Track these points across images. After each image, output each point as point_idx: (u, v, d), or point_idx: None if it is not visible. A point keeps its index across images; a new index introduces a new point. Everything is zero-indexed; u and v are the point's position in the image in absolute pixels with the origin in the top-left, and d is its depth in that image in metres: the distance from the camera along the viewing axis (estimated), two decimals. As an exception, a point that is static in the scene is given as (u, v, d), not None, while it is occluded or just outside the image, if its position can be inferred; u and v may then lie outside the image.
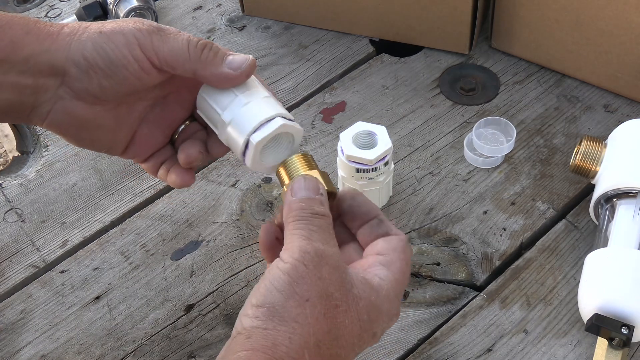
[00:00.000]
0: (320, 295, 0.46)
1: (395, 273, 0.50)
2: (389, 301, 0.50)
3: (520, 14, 0.88)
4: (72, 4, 1.05)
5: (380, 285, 0.49)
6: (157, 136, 0.62)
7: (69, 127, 0.58)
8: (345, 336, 0.47)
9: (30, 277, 0.77)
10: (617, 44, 0.83)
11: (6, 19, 0.55)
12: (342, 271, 0.48)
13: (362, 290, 0.48)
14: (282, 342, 0.45)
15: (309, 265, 0.47)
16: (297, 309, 0.46)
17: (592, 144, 0.75)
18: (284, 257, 0.48)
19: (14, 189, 0.84)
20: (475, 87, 0.90)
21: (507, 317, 0.71)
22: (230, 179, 0.84)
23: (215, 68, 0.56)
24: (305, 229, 0.49)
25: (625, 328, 0.63)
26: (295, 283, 0.46)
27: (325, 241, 0.49)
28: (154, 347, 0.71)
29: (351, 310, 0.48)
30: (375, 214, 0.54)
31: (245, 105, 0.57)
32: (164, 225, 0.80)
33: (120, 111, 0.59)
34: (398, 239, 0.52)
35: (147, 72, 0.56)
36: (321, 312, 0.46)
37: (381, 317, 0.49)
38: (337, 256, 0.49)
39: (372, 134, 0.75)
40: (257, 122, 0.56)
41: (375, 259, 0.51)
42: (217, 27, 1.00)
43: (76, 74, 0.56)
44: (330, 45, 0.97)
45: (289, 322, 0.46)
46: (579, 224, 0.78)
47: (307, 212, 0.50)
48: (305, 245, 0.48)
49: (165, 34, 0.56)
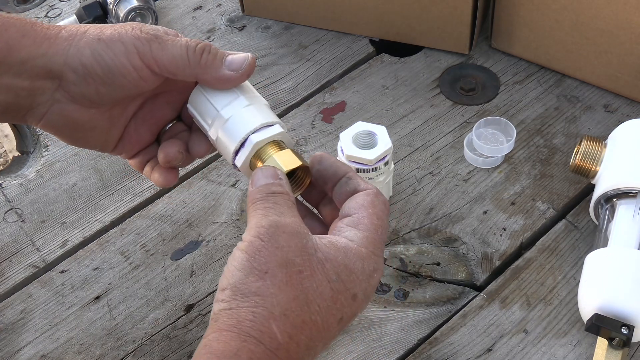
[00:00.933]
0: (279, 264, 0.46)
1: (364, 230, 0.50)
2: (361, 259, 0.49)
3: (520, 14, 0.88)
4: (72, 4, 1.05)
5: (348, 245, 0.49)
6: (145, 134, 0.63)
7: (63, 128, 0.59)
8: (316, 300, 0.47)
9: (30, 277, 0.77)
10: (617, 44, 0.83)
11: (2, 21, 0.55)
12: (302, 237, 0.48)
13: (327, 253, 0.48)
14: (245, 318, 0.45)
15: (264, 238, 0.47)
16: (257, 283, 0.46)
17: (592, 144, 0.75)
18: (243, 237, 0.48)
19: (14, 189, 0.84)
20: (475, 87, 0.90)
21: (507, 317, 0.71)
22: (230, 179, 0.84)
23: (215, 71, 0.57)
24: (261, 208, 0.49)
25: (625, 328, 0.63)
26: (253, 258, 0.47)
27: (280, 213, 0.49)
28: (154, 347, 0.71)
29: (317, 274, 0.47)
30: (344, 171, 0.53)
31: (247, 107, 0.58)
32: (164, 225, 0.80)
33: (114, 113, 0.60)
34: (364, 195, 0.52)
35: (145, 80, 0.57)
36: (283, 280, 0.46)
37: (355, 276, 0.49)
38: (296, 224, 0.48)
39: (372, 134, 0.75)
40: (259, 123, 0.57)
41: (344, 220, 0.51)
42: (217, 27, 1.00)
43: (73, 79, 0.56)
44: (330, 45, 0.97)
45: (250, 297, 0.46)
46: (579, 224, 0.78)
47: (263, 193, 0.50)
48: (260, 221, 0.48)
49: (164, 40, 0.56)
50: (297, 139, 0.87)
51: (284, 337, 0.46)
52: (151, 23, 0.98)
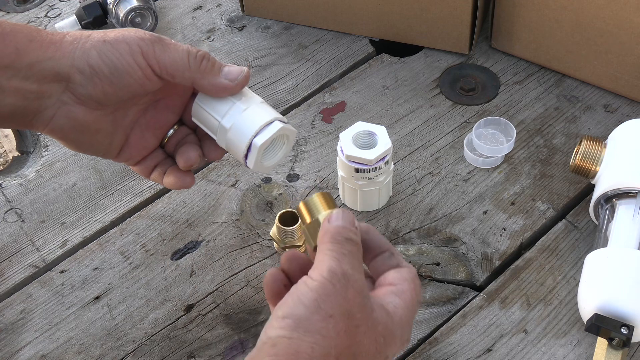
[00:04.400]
0: (343, 314, 0.48)
1: (406, 301, 0.53)
2: (401, 327, 0.52)
3: (520, 14, 0.88)
4: (72, 4, 1.05)
5: (395, 311, 0.52)
6: (149, 139, 0.65)
7: (70, 132, 0.61)
8: (362, 354, 0.49)
9: (30, 277, 0.77)
10: (617, 44, 0.83)
11: (10, 27, 0.57)
12: (365, 296, 0.50)
13: (380, 315, 0.51)
14: (305, 351, 0.47)
15: (336, 285, 0.49)
16: (321, 323, 0.48)
17: (592, 144, 0.75)
18: (313, 275, 0.50)
19: (14, 189, 0.84)
20: (475, 87, 0.90)
21: (507, 317, 0.71)
22: (230, 179, 0.84)
23: (213, 78, 0.61)
24: (337, 251, 0.51)
25: (625, 328, 0.63)
26: (322, 299, 0.48)
27: (353, 266, 0.51)
28: (153, 347, 0.71)
29: (370, 332, 0.50)
30: (387, 247, 0.56)
31: (245, 111, 0.61)
32: (164, 225, 0.80)
33: (117, 115, 0.62)
34: (408, 271, 0.54)
35: (149, 79, 0.60)
36: (343, 328, 0.48)
37: (395, 341, 0.52)
38: (363, 282, 0.51)
39: (372, 134, 0.75)
40: (258, 126, 0.61)
41: (388, 288, 0.53)
42: (217, 27, 1.00)
43: (80, 80, 0.58)
44: (330, 45, 0.97)
45: (312, 334, 0.48)
46: (578, 224, 0.78)
47: (341, 236, 0.52)
48: (334, 267, 0.50)
49: (166, 44, 0.60)
50: (297, 139, 0.87)
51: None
52: (151, 23, 0.98)
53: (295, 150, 0.86)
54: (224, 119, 0.61)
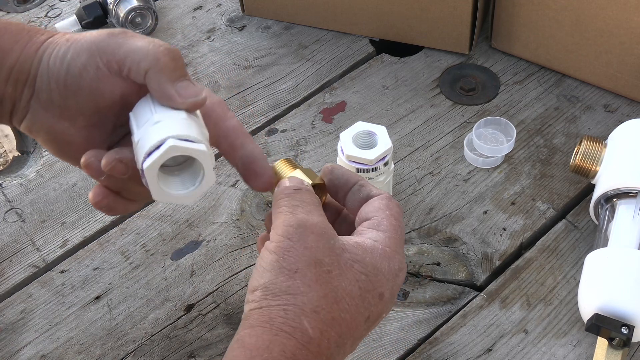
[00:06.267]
0: (308, 264, 0.47)
1: (386, 231, 0.51)
2: (387, 259, 0.50)
3: (520, 14, 0.88)
4: (72, 4, 1.05)
5: (374, 245, 0.50)
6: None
7: (45, 137, 0.57)
8: (344, 298, 0.48)
9: (30, 277, 0.77)
10: (617, 44, 0.83)
11: (2, 26, 0.55)
12: (330, 237, 0.49)
13: (354, 254, 0.49)
14: (277, 315, 0.46)
15: (292, 238, 0.48)
16: (287, 282, 0.47)
17: (592, 144, 0.75)
18: (271, 237, 0.49)
19: (14, 189, 0.84)
20: (475, 87, 0.90)
21: (507, 317, 0.71)
22: (230, 179, 0.84)
23: (164, 80, 0.51)
24: (287, 205, 0.50)
25: (625, 328, 0.63)
26: (282, 258, 0.47)
27: (308, 212, 0.49)
28: (154, 347, 0.71)
29: (346, 273, 0.48)
30: (355, 179, 0.54)
31: (154, 125, 0.50)
32: (164, 225, 0.80)
33: (92, 132, 0.56)
34: (379, 199, 0.53)
35: (103, 79, 0.53)
36: (312, 279, 0.47)
37: (382, 275, 0.50)
38: (323, 224, 0.49)
39: (372, 134, 0.75)
40: (148, 147, 0.49)
41: (365, 223, 0.52)
42: (217, 27, 1.00)
43: (40, 84, 0.54)
44: (330, 45, 0.97)
45: (281, 296, 0.47)
46: (579, 224, 0.78)
47: (290, 189, 0.51)
48: (288, 219, 0.49)
49: (129, 35, 0.53)
50: (297, 139, 0.87)
51: (315, 333, 0.47)
52: (151, 23, 0.98)
53: (296, 150, 0.86)
54: (137, 132, 0.51)
